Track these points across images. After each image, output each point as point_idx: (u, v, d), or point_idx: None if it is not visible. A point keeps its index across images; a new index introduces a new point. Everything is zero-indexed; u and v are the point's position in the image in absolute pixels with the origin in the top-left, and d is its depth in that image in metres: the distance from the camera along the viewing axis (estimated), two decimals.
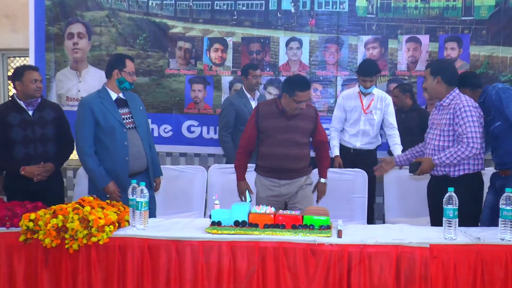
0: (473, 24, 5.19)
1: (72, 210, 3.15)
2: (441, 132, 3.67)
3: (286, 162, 3.92)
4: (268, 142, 3.94)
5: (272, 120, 3.91)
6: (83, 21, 5.75)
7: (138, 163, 3.93)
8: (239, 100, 5.07)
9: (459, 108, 3.57)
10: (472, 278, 2.89)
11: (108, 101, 3.91)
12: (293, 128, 3.90)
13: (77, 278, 3.11)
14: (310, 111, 3.96)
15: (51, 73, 5.83)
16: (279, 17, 5.45)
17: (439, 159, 3.59)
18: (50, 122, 4.22)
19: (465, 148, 3.52)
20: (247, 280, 2.99)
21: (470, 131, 3.52)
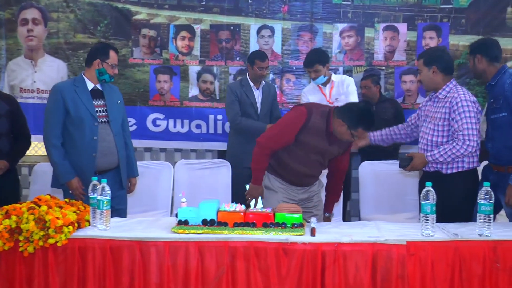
0: (452, 12, 5.27)
1: (27, 210, 3.10)
2: (436, 126, 3.67)
3: (306, 179, 3.84)
4: (297, 157, 3.70)
5: (315, 138, 3.62)
6: (38, 6, 5.65)
7: (107, 160, 3.90)
8: (240, 88, 4.97)
9: (456, 102, 3.56)
10: (450, 275, 2.94)
11: (82, 90, 3.87)
12: (328, 153, 3.73)
13: (33, 283, 3.06)
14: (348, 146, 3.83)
15: (3, 62, 5.73)
16: (250, 3, 5.45)
17: (432, 155, 3.59)
18: (3, 116, 4.17)
19: (461, 145, 3.51)
20: (216, 282, 2.99)
21: (467, 128, 3.51)
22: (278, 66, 5.49)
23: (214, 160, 5.23)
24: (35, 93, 5.73)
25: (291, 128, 3.61)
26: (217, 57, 5.54)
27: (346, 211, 5.31)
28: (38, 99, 5.72)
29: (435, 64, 3.67)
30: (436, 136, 3.66)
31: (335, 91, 4.77)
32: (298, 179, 3.80)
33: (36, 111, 5.63)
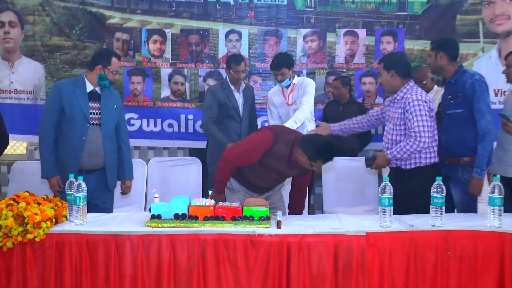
0: (407, 19, 5.34)
1: (5, 206, 3.06)
2: (394, 126, 3.74)
3: (264, 190, 3.86)
4: (257, 174, 3.71)
5: (277, 162, 3.61)
6: (14, 9, 5.54)
7: (92, 161, 3.85)
8: (221, 91, 4.82)
9: (409, 102, 3.61)
10: (406, 263, 2.98)
11: (80, 91, 3.84)
12: (287, 174, 3.78)
13: (11, 277, 3.02)
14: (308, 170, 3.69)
15: None
16: (218, 9, 5.44)
17: (391, 153, 3.66)
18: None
19: (413, 142, 3.57)
20: (188, 273, 2.98)
21: (418, 125, 3.56)
22: (246, 69, 5.49)
23: (185, 158, 5.21)
24: (12, 93, 5.63)
25: (256, 152, 3.60)
26: (187, 60, 5.51)
27: (310, 204, 5.34)
28: (16, 99, 5.62)
29: (393, 69, 3.73)
30: (395, 135, 3.73)
31: (295, 94, 4.76)
32: (257, 189, 3.85)
33: (14, 111, 5.54)
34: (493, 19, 5.24)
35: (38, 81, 5.59)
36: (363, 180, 4.84)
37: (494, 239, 3.00)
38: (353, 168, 4.85)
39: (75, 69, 5.55)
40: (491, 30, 5.26)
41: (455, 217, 3.34)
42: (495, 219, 3.04)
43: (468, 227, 3.05)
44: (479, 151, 3.65)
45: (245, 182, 3.82)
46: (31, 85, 5.60)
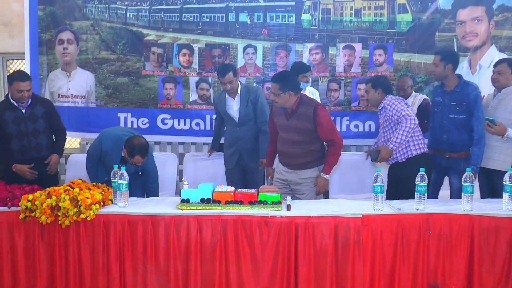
0: (396, 35, 5.27)
1: (63, 191, 3.09)
2: (384, 130, 3.76)
3: (288, 158, 3.68)
4: (278, 139, 3.75)
5: (277, 118, 3.69)
6: (72, 30, 5.56)
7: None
8: (218, 97, 4.62)
9: (386, 104, 3.67)
10: (394, 240, 2.98)
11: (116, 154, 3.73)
12: (292, 127, 3.59)
13: (69, 249, 3.07)
14: (308, 111, 3.55)
15: (44, 74, 5.64)
16: (237, 27, 5.39)
17: (392, 143, 3.61)
18: (41, 117, 4.09)
19: (406, 122, 3.54)
20: (211, 248, 2.99)
21: (402, 111, 3.57)
22: (260, 77, 5.45)
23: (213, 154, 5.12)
24: (69, 98, 5.65)
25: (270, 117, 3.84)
26: (211, 70, 5.48)
27: None
28: (72, 103, 5.64)
29: (380, 87, 3.75)
30: (388, 135, 3.74)
31: None
32: (283, 159, 3.74)
33: (70, 112, 5.57)
34: (464, 36, 5.21)
35: (89, 87, 5.60)
36: (363, 171, 4.78)
37: (466, 221, 2.99)
38: (354, 161, 4.82)
39: (119, 77, 5.55)
40: (463, 45, 5.22)
41: (435, 202, 3.31)
42: (467, 204, 3.02)
43: (445, 211, 3.04)
44: (476, 151, 3.68)
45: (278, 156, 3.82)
46: (84, 91, 5.61)
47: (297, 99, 3.58)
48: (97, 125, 5.55)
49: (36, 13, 5.53)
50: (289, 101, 3.55)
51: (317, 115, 3.53)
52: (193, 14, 5.43)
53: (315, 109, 3.55)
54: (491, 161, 3.74)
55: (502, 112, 3.71)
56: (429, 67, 4.91)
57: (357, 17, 5.30)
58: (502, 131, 3.62)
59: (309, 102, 3.62)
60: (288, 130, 3.63)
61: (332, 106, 5.42)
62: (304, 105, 3.58)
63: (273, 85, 3.56)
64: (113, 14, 5.50)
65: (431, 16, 5.23)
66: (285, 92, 3.51)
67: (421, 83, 5.29)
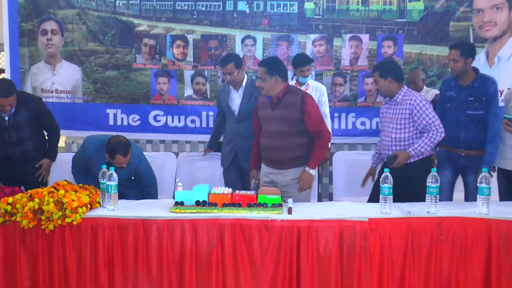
0: (406, 25, 5.27)
1: (47, 193, 3.10)
2: (399, 125, 3.69)
3: (273, 153, 3.65)
4: (262, 134, 3.74)
5: (262, 110, 3.71)
6: (56, 19, 5.56)
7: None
8: (223, 88, 4.55)
9: (417, 104, 3.61)
10: (404, 246, 2.98)
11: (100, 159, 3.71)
12: (278, 118, 3.59)
13: (53, 256, 3.07)
14: (295, 99, 3.57)
15: (26, 67, 5.63)
16: (235, 17, 5.40)
17: (414, 150, 3.61)
18: (25, 125, 4.06)
19: (436, 133, 3.57)
20: (207, 254, 2.99)
21: (434, 120, 3.57)
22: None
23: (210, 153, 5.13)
24: (54, 93, 5.65)
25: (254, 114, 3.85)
26: (208, 63, 5.49)
27: (318, 193, 5.31)
28: (57, 98, 5.65)
29: (390, 75, 3.70)
30: (399, 133, 3.70)
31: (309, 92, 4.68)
32: (269, 154, 3.70)
33: (55, 108, 5.52)
34: (482, 26, 5.20)
35: (76, 82, 5.60)
36: None
37: (482, 225, 2.99)
38: (361, 160, 4.81)
39: (108, 71, 5.55)
40: (480, 35, 5.22)
41: (448, 205, 3.32)
42: (483, 207, 3.03)
43: (460, 214, 3.05)
44: (490, 149, 3.73)
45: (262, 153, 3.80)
46: (70, 85, 5.62)
47: (284, 88, 3.62)
48: (84, 122, 5.56)
49: (16, 0, 5.53)
50: (275, 87, 3.59)
51: (305, 103, 3.56)
52: (187, 3, 5.43)
53: (302, 97, 3.59)
54: (510, 161, 3.74)
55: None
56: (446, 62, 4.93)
57: (364, 6, 5.31)
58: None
59: (296, 91, 3.69)
60: (273, 121, 3.63)
61: (337, 101, 5.44)
62: (291, 93, 3.63)
63: (260, 69, 3.63)
64: (101, 2, 5.50)
65: (445, 4, 5.22)
66: (272, 76, 3.56)
67: (433, 77, 5.30)
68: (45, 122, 4.23)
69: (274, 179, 3.70)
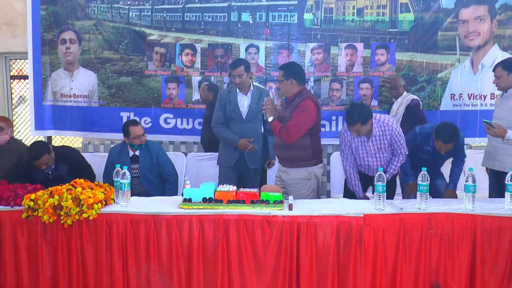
0: (398, 34, 5.28)
1: (66, 190, 3.09)
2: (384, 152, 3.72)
3: (281, 150, 3.70)
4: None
5: (282, 110, 3.71)
6: (74, 29, 5.59)
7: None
8: (226, 95, 4.27)
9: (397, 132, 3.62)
10: (396, 240, 2.96)
11: (125, 158, 4.12)
12: (285, 118, 3.60)
13: (72, 249, 3.07)
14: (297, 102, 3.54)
15: (47, 73, 5.66)
16: (240, 27, 5.40)
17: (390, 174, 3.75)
18: (67, 175, 3.97)
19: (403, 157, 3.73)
20: (214, 247, 2.98)
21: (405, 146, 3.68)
22: (262, 76, 5.46)
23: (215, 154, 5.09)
24: (72, 97, 5.67)
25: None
26: (214, 69, 5.49)
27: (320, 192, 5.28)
28: (75, 102, 5.66)
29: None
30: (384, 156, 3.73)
31: None
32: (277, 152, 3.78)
33: (73, 112, 5.60)
34: (467, 35, 5.22)
35: (92, 87, 5.62)
36: None
37: (468, 220, 2.97)
38: None
39: (122, 77, 5.57)
40: (465, 44, 5.23)
41: (437, 202, 3.29)
42: (469, 203, 3.01)
43: (448, 210, 3.03)
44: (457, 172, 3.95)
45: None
46: (86, 90, 5.63)
47: (297, 91, 3.60)
48: (100, 124, 5.58)
49: (39, 12, 5.55)
50: (290, 90, 3.60)
51: (297, 106, 3.52)
52: (195, 14, 5.44)
53: (301, 100, 3.54)
54: (498, 162, 3.68)
55: (505, 113, 3.62)
56: (435, 69, 4.97)
57: (359, 17, 5.30)
58: (502, 134, 3.48)
59: (303, 95, 3.58)
60: (283, 121, 3.63)
61: (334, 105, 5.43)
62: (299, 96, 3.59)
63: (279, 72, 3.67)
64: (116, 14, 5.52)
65: (434, 15, 5.23)
66: (288, 79, 3.57)
67: (423, 83, 5.29)
68: (82, 172, 4.05)
69: (282, 176, 3.74)
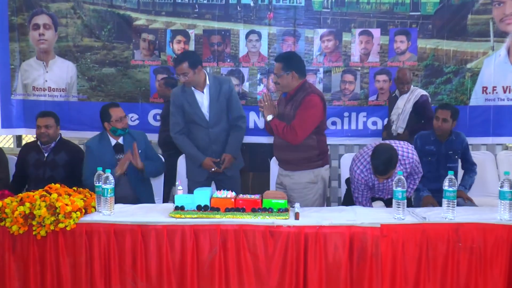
0: (420, 19, 5.27)
1: (39, 197, 3.09)
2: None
3: (282, 152, 3.77)
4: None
5: (279, 107, 3.77)
6: (49, 13, 5.57)
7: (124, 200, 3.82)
8: (181, 94, 4.04)
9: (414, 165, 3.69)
10: (418, 254, 2.96)
11: (107, 148, 4.05)
12: (287, 115, 3.65)
13: (45, 264, 3.06)
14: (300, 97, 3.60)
15: (16, 63, 5.65)
16: (239, 10, 5.40)
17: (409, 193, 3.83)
18: (61, 166, 4.19)
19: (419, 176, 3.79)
20: (209, 261, 2.98)
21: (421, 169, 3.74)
22: (265, 67, 5.46)
23: None
24: (46, 91, 5.67)
25: None
26: (210, 59, 5.50)
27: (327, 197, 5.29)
28: (49, 97, 5.67)
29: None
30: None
31: None
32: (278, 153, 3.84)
33: (48, 107, 5.57)
34: (503, 19, 5.18)
35: (70, 79, 5.62)
36: None
37: (503, 232, 2.96)
38: None
39: (104, 68, 5.57)
40: (501, 29, 5.19)
41: (466, 210, 3.29)
42: (505, 212, 3.00)
43: (479, 220, 3.02)
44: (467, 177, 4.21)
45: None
46: (64, 83, 5.64)
47: (299, 85, 3.64)
48: (79, 121, 5.57)
49: None
50: (291, 84, 3.63)
51: (303, 101, 3.58)
52: None
53: (306, 95, 3.60)
54: None
55: None
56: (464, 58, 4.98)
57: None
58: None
59: (306, 89, 3.66)
60: (283, 119, 3.67)
61: (347, 100, 5.43)
62: (302, 91, 3.64)
63: (276, 65, 3.67)
64: None
65: None
66: (288, 73, 3.60)
67: (450, 74, 5.29)
68: (77, 173, 4.15)
69: (284, 181, 3.80)
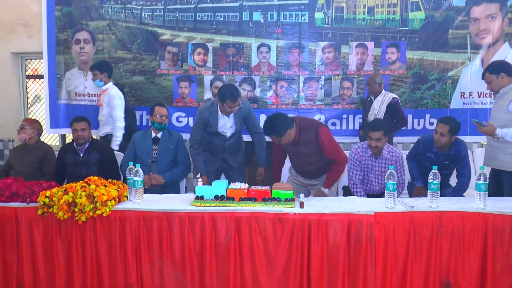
0: (408, 33, 5.23)
1: (80, 188, 3.11)
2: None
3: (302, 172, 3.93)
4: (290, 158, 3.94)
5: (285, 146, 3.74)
6: (88, 29, 5.62)
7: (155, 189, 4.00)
8: (208, 114, 4.06)
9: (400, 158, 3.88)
10: (407, 238, 2.94)
11: (147, 140, 4.21)
12: (301, 152, 3.71)
13: (86, 245, 3.09)
14: (310, 136, 3.61)
15: (61, 73, 5.71)
16: (251, 26, 5.39)
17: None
18: (94, 164, 4.21)
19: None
20: (226, 244, 2.99)
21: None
22: (274, 75, 5.45)
23: None
24: (86, 96, 5.71)
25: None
26: (226, 68, 5.49)
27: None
28: (89, 101, 5.71)
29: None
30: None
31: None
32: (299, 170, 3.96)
33: (87, 110, 5.61)
34: (478, 33, 5.17)
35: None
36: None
37: (479, 219, 2.94)
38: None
39: (135, 76, 5.59)
40: (476, 42, 5.18)
41: (448, 200, 3.27)
42: (480, 202, 2.98)
43: (459, 209, 3.00)
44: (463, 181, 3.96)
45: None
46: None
47: (297, 129, 3.62)
48: None
49: (54, 13, 5.60)
50: (291, 136, 3.60)
51: (319, 138, 3.60)
52: (207, 13, 5.44)
53: (316, 132, 3.60)
54: (496, 161, 3.71)
55: (499, 112, 3.69)
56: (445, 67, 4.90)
57: (370, 15, 5.27)
58: (491, 132, 3.60)
59: (309, 127, 3.64)
60: (298, 154, 3.77)
61: (345, 104, 5.40)
62: (305, 131, 3.62)
63: (271, 137, 3.61)
64: (129, 14, 5.54)
65: (445, 14, 5.18)
66: (283, 135, 3.55)
67: (433, 81, 5.25)
68: (110, 169, 4.24)
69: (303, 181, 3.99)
